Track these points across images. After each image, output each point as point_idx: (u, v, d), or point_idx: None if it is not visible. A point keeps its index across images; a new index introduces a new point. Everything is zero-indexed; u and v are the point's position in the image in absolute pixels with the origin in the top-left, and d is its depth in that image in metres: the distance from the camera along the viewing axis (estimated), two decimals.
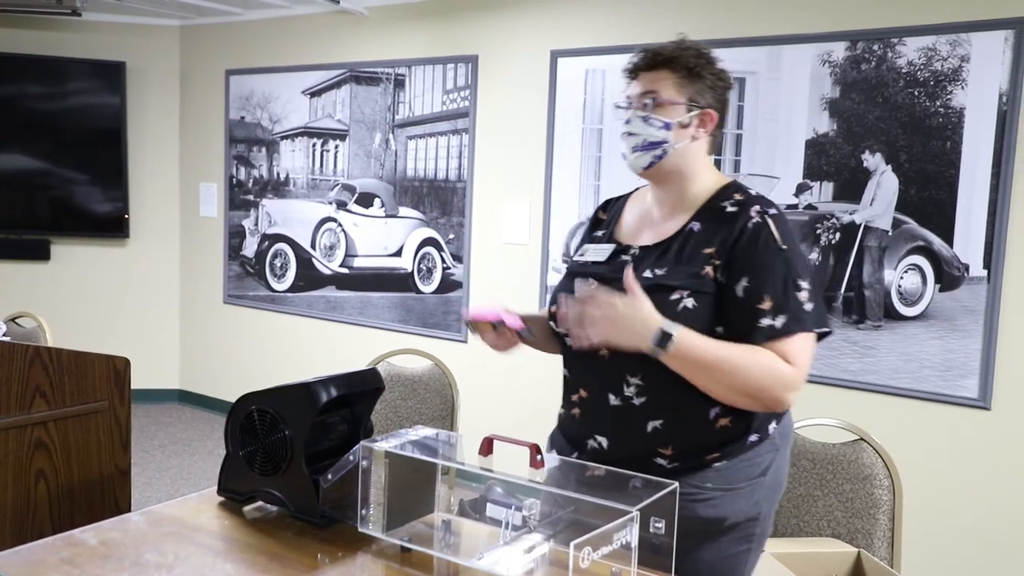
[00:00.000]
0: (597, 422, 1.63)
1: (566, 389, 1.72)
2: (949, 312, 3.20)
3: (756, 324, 1.51)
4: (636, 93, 1.63)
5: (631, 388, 1.57)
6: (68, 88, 5.35)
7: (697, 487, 1.55)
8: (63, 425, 1.94)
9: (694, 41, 1.65)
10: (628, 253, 1.66)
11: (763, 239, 1.53)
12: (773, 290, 1.51)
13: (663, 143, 1.61)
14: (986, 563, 3.17)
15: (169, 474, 4.44)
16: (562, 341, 1.70)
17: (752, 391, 1.51)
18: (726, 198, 1.61)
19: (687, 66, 1.61)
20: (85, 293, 5.55)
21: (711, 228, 1.58)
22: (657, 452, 1.57)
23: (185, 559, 1.42)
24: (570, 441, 1.70)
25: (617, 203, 1.82)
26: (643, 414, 1.57)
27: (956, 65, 3.14)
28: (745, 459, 1.58)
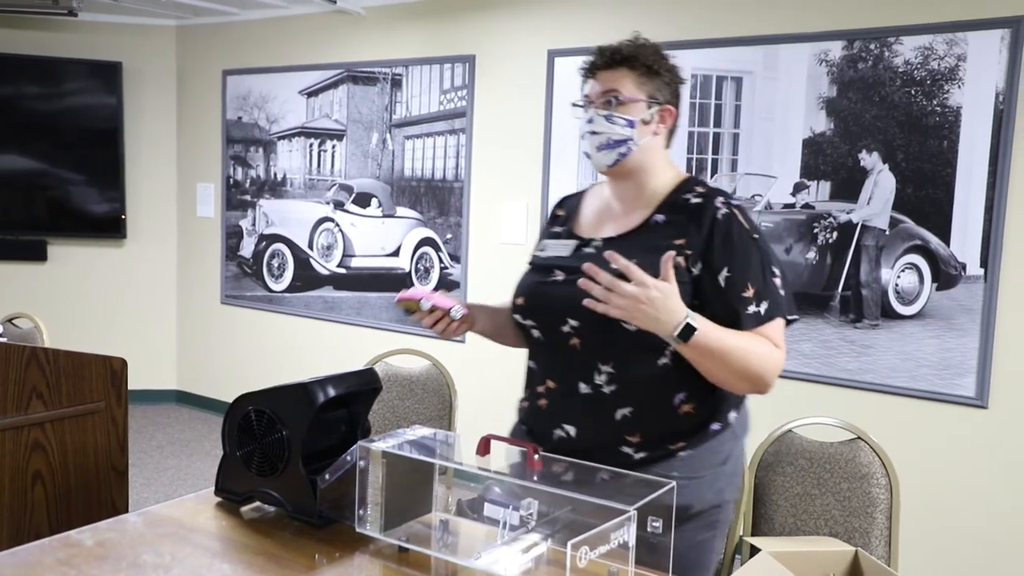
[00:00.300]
0: (565, 411, 1.65)
1: (531, 380, 1.74)
2: (946, 311, 3.20)
3: (744, 312, 1.56)
4: (598, 91, 1.66)
5: (602, 376, 1.60)
6: (65, 88, 5.34)
7: (664, 476, 1.57)
8: (60, 426, 1.93)
9: (647, 39, 1.68)
10: (591, 246, 1.69)
11: (736, 230, 1.58)
12: (754, 278, 1.57)
13: (627, 140, 1.64)
14: (984, 561, 3.17)
15: (166, 475, 4.44)
16: (528, 333, 1.71)
17: (752, 376, 1.55)
18: (687, 191, 1.65)
19: (646, 64, 1.65)
20: (82, 294, 5.54)
21: (677, 220, 1.62)
22: (625, 440, 1.61)
23: (182, 560, 1.42)
24: (534, 432, 1.71)
25: (573, 199, 1.84)
26: (613, 402, 1.60)
27: (953, 64, 3.14)
28: (708, 448, 1.62)
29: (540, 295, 1.68)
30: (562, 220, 1.81)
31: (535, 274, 1.73)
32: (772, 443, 2.22)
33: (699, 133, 3.67)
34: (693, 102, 3.68)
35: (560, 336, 1.62)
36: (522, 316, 1.71)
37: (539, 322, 1.68)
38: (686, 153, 3.70)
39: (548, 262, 1.71)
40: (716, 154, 3.64)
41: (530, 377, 1.75)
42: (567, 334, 1.62)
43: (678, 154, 3.72)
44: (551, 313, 1.64)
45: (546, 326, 1.66)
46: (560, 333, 1.62)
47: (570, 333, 1.61)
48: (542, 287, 1.68)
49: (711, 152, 3.65)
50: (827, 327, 3.43)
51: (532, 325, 1.69)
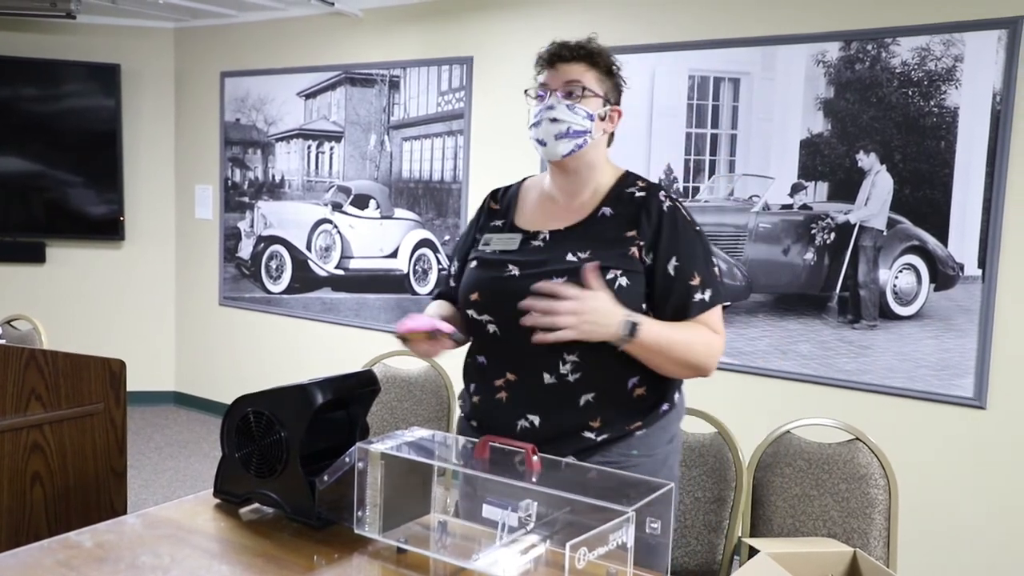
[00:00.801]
0: (528, 402, 1.67)
1: (485, 375, 1.73)
2: (944, 311, 3.20)
3: (691, 299, 1.64)
4: (561, 81, 1.68)
5: (567, 366, 1.64)
6: (63, 91, 5.34)
7: (624, 455, 1.66)
8: (59, 428, 1.93)
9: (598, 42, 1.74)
10: (538, 239, 1.71)
11: (680, 221, 1.66)
12: (699, 267, 1.65)
13: (586, 132, 1.68)
14: (982, 562, 3.17)
15: (165, 476, 4.44)
16: (481, 328, 1.71)
17: (695, 364, 1.64)
18: (629, 185, 1.72)
19: (606, 64, 1.71)
20: (81, 295, 5.54)
21: (624, 212, 1.68)
22: (587, 425, 1.65)
23: (181, 561, 1.42)
24: (492, 426, 1.70)
25: (508, 192, 1.85)
26: (576, 389, 1.64)
27: (950, 65, 3.15)
28: (659, 427, 1.71)
29: (497, 290, 1.68)
30: (500, 213, 1.81)
31: (486, 269, 1.72)
32: (770, 444, 2.22)
33: (697, 134, 3.68)
34: (691, 103, 3.69)
35: (522, 329, 1.62)
36: (477, 312, 1.71)
37: (497, 316, 1.68)
38: (684, 154, 3.71)
39: (497, 257, 1.72)
40: (714, 155, 3.65)
41: (482, 372, 1.74)
42: (530, 328, 1.61)
43: (676, 156, 3.73)
44: (512, 307, 1.63)
45: (506, 320, 1.66)
46: (522, 327, 1.62)
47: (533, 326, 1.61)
48: (498, 282, 1.69)
49: (708, 153, 3.66)
50: (825, 328, 3.43)
51: (489, 320, 1.69)
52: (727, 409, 2.54)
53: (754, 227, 3.56)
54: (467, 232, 1.88)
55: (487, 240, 1.77)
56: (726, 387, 3.58)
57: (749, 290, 3.57)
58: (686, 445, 2.22)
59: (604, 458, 1.64)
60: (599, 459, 1.64)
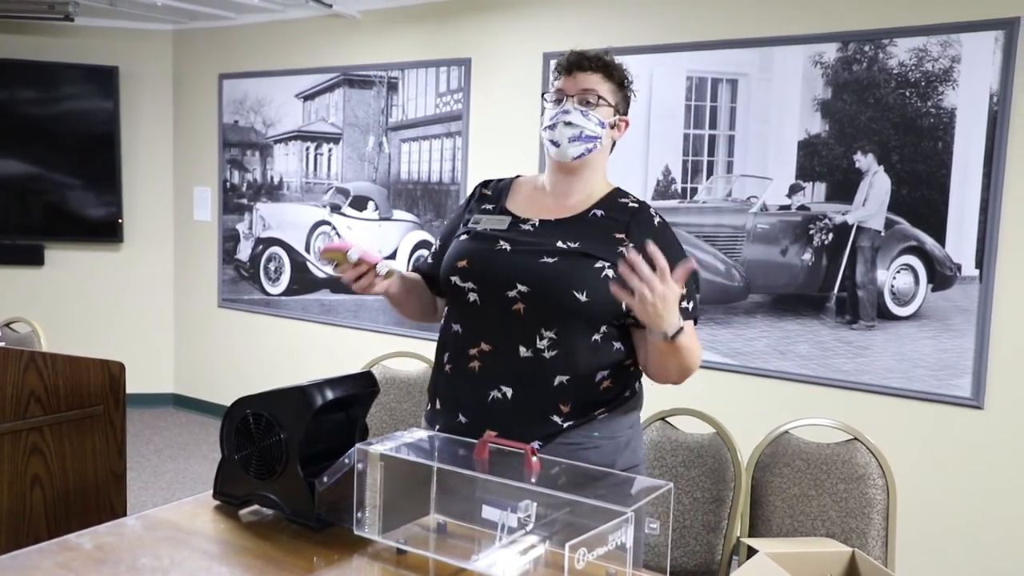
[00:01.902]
0: (502, 373, 1.70)
1: (457, 345, 1.75)
2: (942, 312, 3.21)
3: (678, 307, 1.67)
4: (578, 88, 1.74)
5: (544, 341, 1.67)
6: (61, 93, 5.34)
7: (586, 436, 1.70)
8: (58, 430, 1.93)
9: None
10: (527, 224, 1.76)
11: (669, 237, 1.75)
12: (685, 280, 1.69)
13: (597, 139, 1.74)
14: (980, 562, 3.18)
15: (164, 478, 4.44)
16: (461, 296, 1.73)
17: (688, 371, 1.69)
18: (622, 196, 1.79)
19: (620, 77, 1.77)
20: (80, 298, 5.54)
21: (616, 217, 1.74)
22: (557, 408, 1.68)
23: (180, 563, 1.42)
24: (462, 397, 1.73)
25: (501, 183, 1.90)
26: (551, 367, 1.68)
27: (947, 66, 3.15)
28: (622, 411, 1.76)
29: (486, 260, 1.72)
30: (491, 199, 1.86)
31: (477, 241, 1.76)
32: (769, 444, 2.23)
33: (695, 135, 3.68)
34: (689, 104, 3.69)
35: (504, 300, 1.68)
36: (461, 278, 1.74)
37: (481, 285, 1.72)
38: (682, 155, 3.71)
39: (489, 233, 1.77)
40: (712, 156, 3.65)
41: (457, 341, 1.76)
42: (512, 299, 1.67)
43: (673, 157, 3.73)
44: (497, 278, 1.69)
45: (489, 290, 1.71)
46: (505, 297, 1.68)
47: (515, 298, 1.67)
48: (488, 254, 1.73)
49: (707, 154, 3.66)
50: (823, 328, 3.44)
51: (471, 288, 1.72)
52: (725, 410, 2.55)
53: (752, 228, 3.56)
54: (455, 216, 1.92)
55: (477, 220, 1.82)
56: (724, 387, 3.58)
57: (747, 291, 3.58)
58: (685, 445, 2.22)
59: (565, 440, 1.68)
60: (560, 441, 1.68)
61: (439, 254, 1.86)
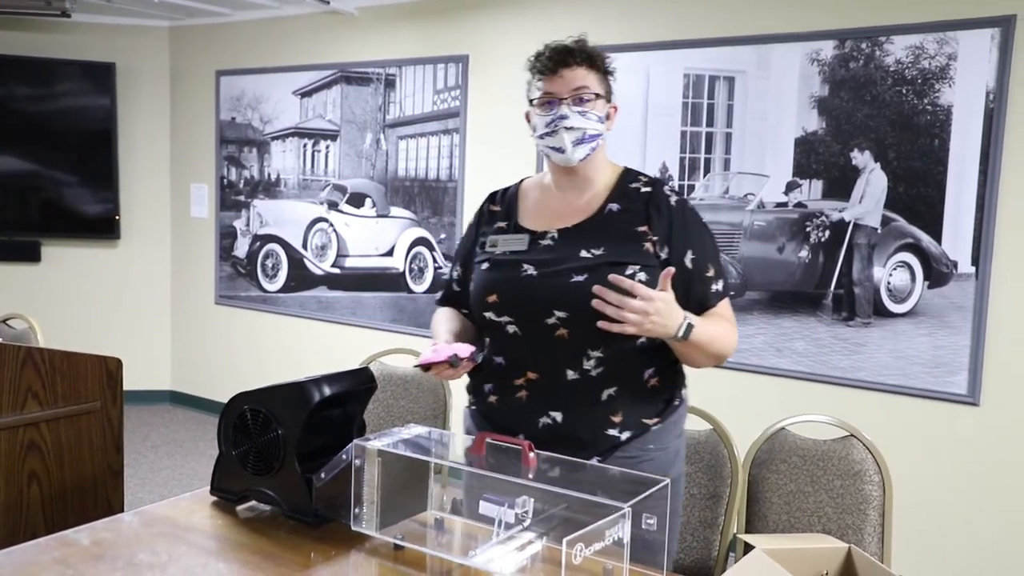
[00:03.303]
0: (551, 399, 1.68)
1: (502, 376, 1.72)
2: (938, 309, 3.22)
3: (709, 290, 1.69)
4: (569, 88, 1.68)
5: (591, 361, 1.65)
6: (58, 89, 5.33)
7: (642, 450, 1.69)
8: (55, 426, 1.93)
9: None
10: (546, 238, 1.71)
11: (689, 215, 1.72)
12: (712, 259, 1.71)
13: (599, 136, 1.71)
14: (976, 557, 3.19)
15: (161, 475, 4.44)
16: (499, 329, 1.70)
17: (722, 354, 1.69)
18: (632, 180, 1.75)
19: (603, 65, 1.73)
20: (76, 294, 5.53)
21: (632, 208, 1.70)
22: (609, 420, 1.67)
23: (178, 559, 1.42)
24: (511, 425, 1.70)
25: (507, 194, 1.85)
26: (599, 384, 1.66)
27: (943, 63, 3.16)
28: (671, 421, 1.75)
29: (517, 291, 1.68)
30: (502, 215, 1.81)
31: (500, 270, 1.72)
32: (765, 441, 2.23)
33: (692, 132, 3.69)
34: (686, 102, 3.69)
35: (545, 328, 1.64)
36: (496, 313, 1.70)
37: (518, 317, 1.68)
38: (679, 152, 3.72)
39: (510, 257, 1.72)
40: (709, 153, 3.66)
41: (497, 373, 1.73)
42: (552, 326, 1.63)
43: (671, 154, 3.74)
44: (532, 307, 1.65)
45: (527, 320, 1.67)
46: (544, 325, 1.64)
47: (556, 324, 1.63)
48: (516, 283, 1.68)
49: (704, 151, 3.66)
50: (820, 325, 3.44)
51: (509, 321, 1.69)
52: (722, 406, 2.55)
53: (749, 225, 3.57)
54: (467, 236, 1.87)
55: (493, 242, 1.76)
56: (722, 384, 3.59)
57: (744, 288, 3.59)
58: None
59: (623, 454, 1.66)
60: (618, 455, 1.66)
61: (462, 280, 1.82)
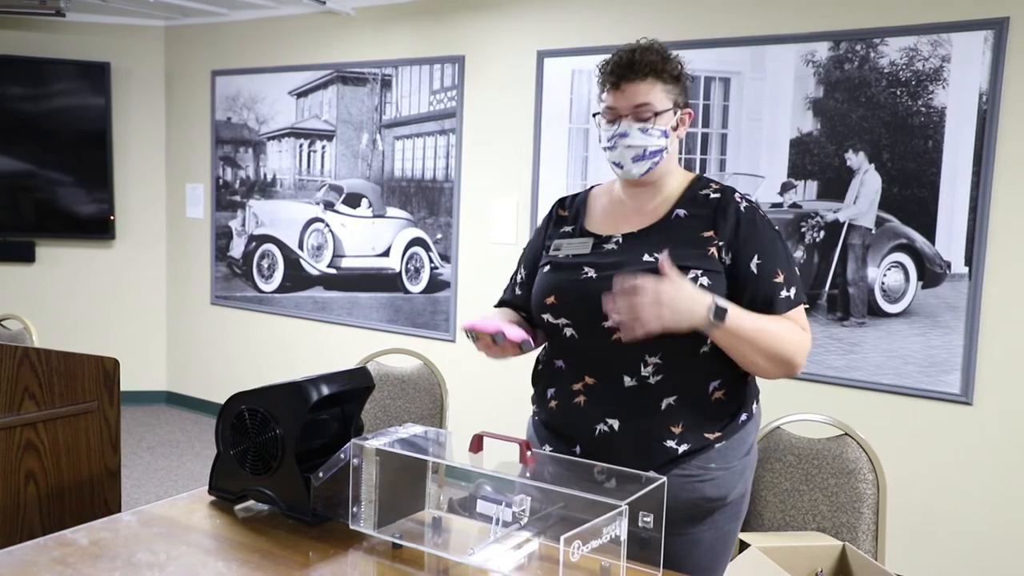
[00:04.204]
0: (608, 406, 1.63)
1: (561, 380, 1.70)
2: (931, 309, 3.24)
3: (777, 296, 1.61)
4: (630, 105, 1.63)
5: (649, 368, 1.60)
6: (52, 89, 5.32)
7: (702, 468, 1.61)
8: (52, 426, 1.93)
9: (656, 41, 1.68)
10: (611, 242, 1.69)
11: (759, 221, 1.64)
12: (782, 265, 1.63)
13: (662, 151, 1.66)
14: (969, 555, 3.21)
15: (157, 476, 4.43)
16: (558, 332, 1.68)
17: (784, 358, 1.59)
18: (702, 187, 1.70)
19: (672, 73, 1.65)
20: (71, 295, 5.52)
21: (700, 214, 1.65)
22: (668, 431, 1.61)
23: (177, 558, 1.43)
24: (570, 432, 1.68)
25: (576, 200, 1.83)
26: (658, 392, 1.61)
27: (937, 65, 3.17)
28: (738, 438, 1.66)
29: (575, 293, 1.65)
30: (569, 220, 1.79)
31: (561, 272, 1.69)
32: (761, 439, 2.24)
33: (688, 133, 3.69)
34: None
35: (601, 332, 1.60)
36: (554, 315, 1.68)
37: (576, 319, 1.65)
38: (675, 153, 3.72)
39: (572, 260, 1.69)
40: (704, 154, 3.67)
41: (559, 377, 1.71)
42: (609, 329, 1.58)
43: None
44: (590, 309, 1.60)
45: (584, 323, 1.64)
46: (601, 329, 1.60)
47: (613, 328, 1.57)
48: (575, 285, 1.65)
49: (699, 152, 3.68)
50: (814, 325, 3.46)
51: (567, 323, 1.66)
52: None
53: None
54: (534, 240, 1.85)
55: (558, 246, 1.74)
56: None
57: None
58: None
59: (682, 471, 1.60)
60: (676, 472, 1.59)
61: (526, 284, 1.80)
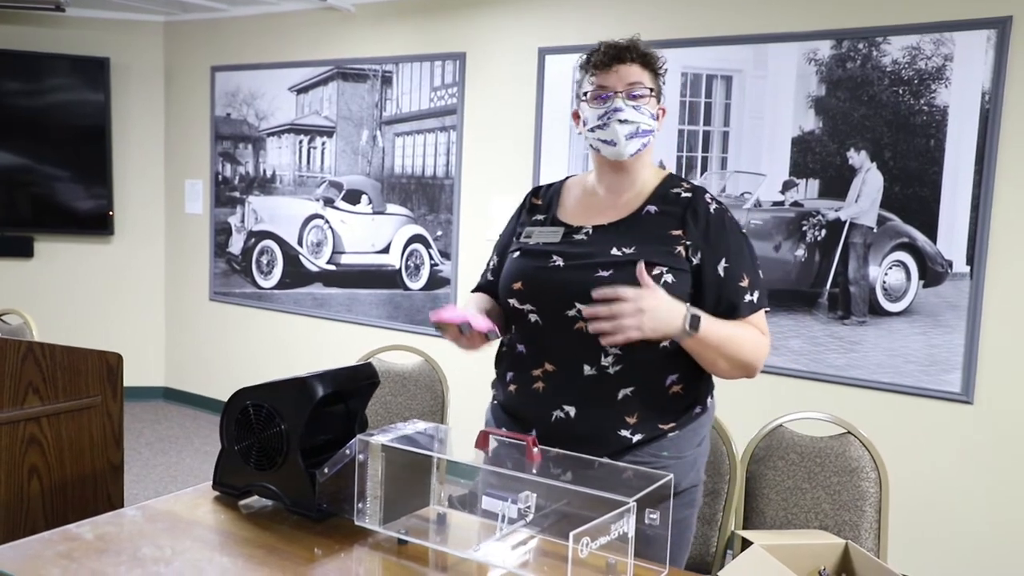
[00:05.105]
0: (566, 393, 1.67)
1: (522, 365, 1.73)
2: (933, 308, 3.24)
3: (741, 300, 1.65)
4: (625, 82, 1.68)
5: (609, 358, 1.63)
6: (51, 84, 5.31)
7: (655, 455, 1.67)
8: (56, 421, 1.93)
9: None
10: (580, 233, 1.72)
11: (728, 223, 1.68)
12: (748, 269, 1.67)
13: (652, 132, 1.71)
14: (970, 553, 3.22)
15: (156, 471, 4.43)
16: (523, 318, 1.71)
17: (745, 363, 1.65)
18: (674, 186, 1.74)
19: (655, 66, 1.72)
20: (70, 290, 5.51)
21: (671, 211, 1.69)
22: (623, 421, 1.65)
23: (182, 553, 1.43)
24: (526, 416, 1.71)
25: (551, 189, 1.86)
26: (616, 382, 1.64)
27: (940, 64, 3.18)
28: (691, 429, 1.71)
29: (541, 280, 1.68)
30: (542, 208, 1.82)
31: (529, 259, 1.72)
32: (763, 437, 2.25)
33: (689, 131, 3.70)
34: (683, 100, 3.70)
35: (564, 320, 1.63)
36: (519, 301, 1.71)
37: (540, 306, 1.68)
38: (676, 151, 3.73)
39: (541, 248, 1.72)
40: (706, 152, 3.67)
41: (518, 361, 1.74)
42: (572, 318, 1.62)
43: (668, 152, 3.75)
44: (555, 297, 1.64)
45: (548, 310, 1.67)
46: (565, 317, 1.63)
47: (576, 317, 1.61)
48: (542, 272, 1.68)
49: (701, 150, 3.68)
50: (815, 324, 3.46)
51: (531, 310, 1.69)
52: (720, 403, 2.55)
53: (746, 224, 3.58)
54: (508, 227, 1.88)
55: (528, 233, 1.77)
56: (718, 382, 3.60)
57: None
58: None
59: (635, 458, 1.63)
60: (629, 459, 1.63)
61: (497, 270, 1.83)
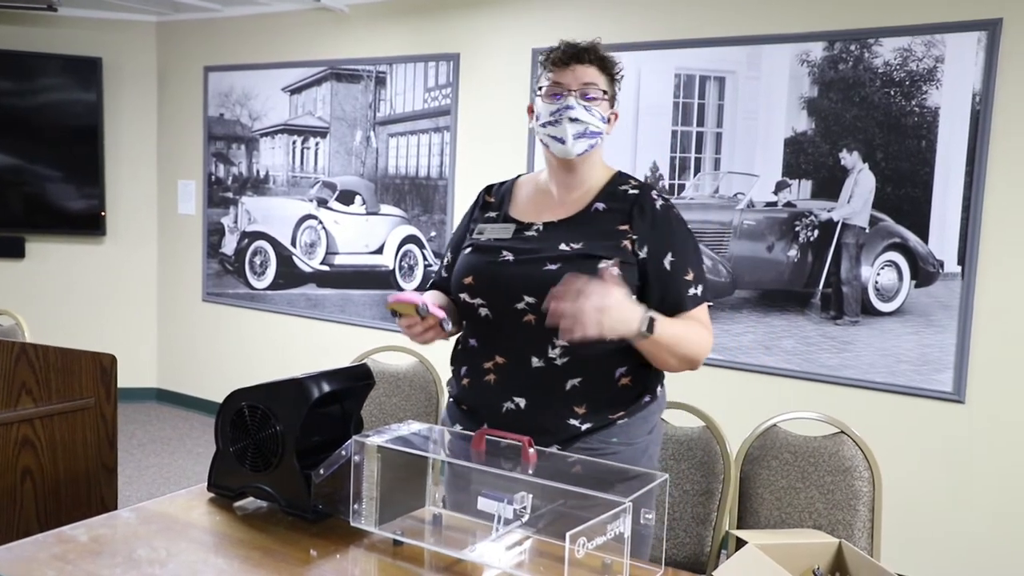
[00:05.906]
0: (516, 385, 1.70)
1: (473, 358, 1.76)
2: (924, 308, 3.26)
3: (686, 293, 1.69)
4: (579, 82, 1.70)
5: (556, 350, 1.67)
6: (43, 84, 5.28)
7: (604, 442, 1.70)
8: (49, 422, 1.92)
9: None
10: (531, 229, 1.75)
11: (674, 219, 1.73)
12: (692, 263, 1.71)
13: (600, 133, 1.74)
14: (962, 551, 3.23)
15: (149, 473, 4.41)
16: (473, 312, 1.74)
17: (691, 358, 1.68)
18: (622, 183, 1.78)
19: (612, 71, 1.75)
20: (62, 291, 5.49)
21: (617, 207, 1.73)
22: (572, 411, 1.68)
23: (177, 555, 1.42)
24: (479, 408, 1.74)
25: (503, 187, 1.90)
26: (564, 374, 1.67)
27: (931, 66, 3.19)
28: (640, 417, 1.74)
29: (491, 274, 1.72)
30: (495, 206, 1.86)
31: (480, 254, 1.76)
32: (757, 437, 2.25)
33: (682, 132, 3.71)
34: (677, 101, 3.71)
35: (513, 313, 1.68)
36: (470, 295, 1.74)
37: (490, 300, 1.72)
38: (669, 152, 3.74)
39: (492, 244, 1.76)
40: (699, 153, 3.68)
41: (471, 355, 1.78)
42: (521, 311, 1.67)
43: (661, 153, 3.76)
44: (505, 291, 1.69)
45: (498, 304, 1.71)
46: (514, 310, 1.68)
47: (524, 310, 1.66)
48: (493, 267, 1.72)
49: (694, 151, 3.69)
50: (808, 324, 3.47)
51: (482, 304, 1.73)
52: (714, 404, 2.57)
53: (739, 224, 3.59)
54: (461, 225, 1.91)
55: (481, 230, 1.81)
56: (712, 382, 3.61)
57: (733, 286, 3.61)
58: (675, 439, 2.24)
59: (585, 444, 1.68)
60: (579, 446, 1.67)
61: (451, 267, 1.85)
